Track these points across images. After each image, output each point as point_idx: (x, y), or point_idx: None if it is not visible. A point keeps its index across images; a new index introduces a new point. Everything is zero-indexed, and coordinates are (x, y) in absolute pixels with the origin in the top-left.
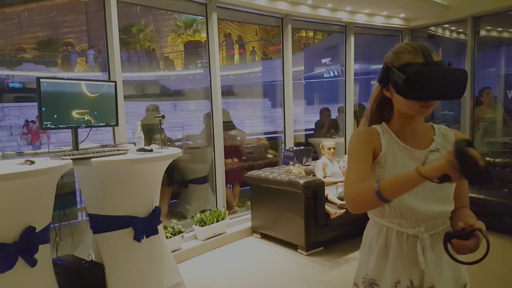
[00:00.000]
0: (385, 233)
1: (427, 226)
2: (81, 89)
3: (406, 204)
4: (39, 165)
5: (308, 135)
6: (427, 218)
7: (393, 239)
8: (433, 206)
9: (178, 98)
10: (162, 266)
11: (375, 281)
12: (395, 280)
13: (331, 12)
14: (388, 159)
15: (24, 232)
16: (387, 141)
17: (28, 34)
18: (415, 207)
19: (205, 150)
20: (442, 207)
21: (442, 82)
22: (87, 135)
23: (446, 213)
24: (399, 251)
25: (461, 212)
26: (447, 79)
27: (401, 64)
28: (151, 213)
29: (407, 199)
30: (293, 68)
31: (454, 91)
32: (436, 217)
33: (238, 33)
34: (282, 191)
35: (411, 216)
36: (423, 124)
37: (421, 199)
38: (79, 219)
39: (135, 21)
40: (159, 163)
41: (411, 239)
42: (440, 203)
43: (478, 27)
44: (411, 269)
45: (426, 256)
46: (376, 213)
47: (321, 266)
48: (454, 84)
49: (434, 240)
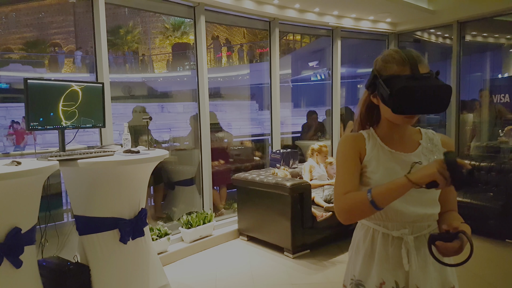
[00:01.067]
0: (371, 235)
1: (412, 228)
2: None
3: (392, 206)
4: (26, 166)
5: (295, 138)
6: (412, 220)
7: (378, 241)
8: (418, 209)
9: (166, 100)
10: (148, 268)
11: (361, 282)
12: (380, 281)
13: (318, 16)
14: (372, 163)
15: (9, 233)
16: (371, 146)
17: (15, 35)
18: (400, 209)
19: (192, 152)
20: (427, 210)
21: (426, 98)
22: (74, 136)
23: (431, 215)
24: (384, 253)
25: (448, 215)
26: (430, 95)
27: (388, 76)
28: (137, 215)
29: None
30: (281, 71)
31: (438, 106)
32: (422, 220)
33: (226, 36)
34: (268, 193)
35: (396, 218)
36: (411, 129)
37: (406, 202)
38: (65, 221)
39: (123, 23)
40: (146, 164)
41: (396, 241)
42: (425, 206)
43: (463, 32)
44: (396, 271)
45: (411, 258)
46: None
47: (307, 269)
48: (438, 100)
49: (420, 243)
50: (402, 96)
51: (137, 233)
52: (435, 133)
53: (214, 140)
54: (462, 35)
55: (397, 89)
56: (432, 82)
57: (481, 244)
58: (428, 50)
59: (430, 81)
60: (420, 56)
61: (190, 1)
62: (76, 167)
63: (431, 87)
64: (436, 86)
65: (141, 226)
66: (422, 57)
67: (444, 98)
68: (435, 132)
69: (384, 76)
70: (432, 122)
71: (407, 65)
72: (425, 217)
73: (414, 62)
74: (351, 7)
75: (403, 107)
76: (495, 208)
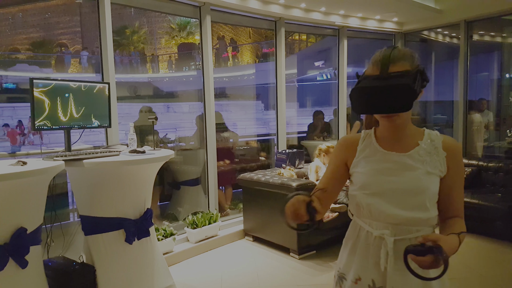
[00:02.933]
0: (357, 232)
1: (395, 230)
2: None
3: (376, 205)
4: (31, 166)
5: (301, 138)
6: (396, 222)
7: (362, 238)
8: (403, 211)
9: (171, 100)
10: (153, 268)
11: (344, 275)
12: (356, 277)
13: (324, 16)
14: (360, 163)
15: (15, 233)
16: (364, 146)
17: (22, 35)
18: (383, 209)
19: (197, 152)
20: (415, 214)
21: (378, 98)
22: (79, 136)
23: (420, 220)
24: (365, 251)
25: (449, 223)
26: (384, 95)
27: (362, 76)
28: (142, 215)
29: (377, 200)
30: (286, 70)
31: (393, 105)
32: (407, 223)
33: (232, 35)
34: (274, 193)
35: (380, 218)
36: (413, 129)
37: (390, 203)
38: (71, 220)
39: (129, 23)
40: (151, 164)
41: (377, 241)
42: (411, 210)
43: (471, 31)
44: (374, 270)
45: (390, 260)
46: (354, 212)
47: (313, 270)
48: (392, 99)
49: (404, 246)
50: (353, 97)
51: (143, 233)
52: (439, 135)
53: (220, 140)
54: (469, 35)
55: (351, 90)
56: (392, 82)
57: (488, 245)
58: (435, 50)
59: (390, 81)
60: (403, 55)
61: (196, 1)
62: (82, 167)
63: (385, 87)
64: (391, 86)
65: (147, 226)
66: (404, 56)
67: (399, 98)
68: (439, 134)
69: (360, 77)
70: (439, 122)
71: (378, 65)
72: (411, 221)
73: (386, 62)
74: (358, 6)
75: (357, 107)
76: (502, 209)
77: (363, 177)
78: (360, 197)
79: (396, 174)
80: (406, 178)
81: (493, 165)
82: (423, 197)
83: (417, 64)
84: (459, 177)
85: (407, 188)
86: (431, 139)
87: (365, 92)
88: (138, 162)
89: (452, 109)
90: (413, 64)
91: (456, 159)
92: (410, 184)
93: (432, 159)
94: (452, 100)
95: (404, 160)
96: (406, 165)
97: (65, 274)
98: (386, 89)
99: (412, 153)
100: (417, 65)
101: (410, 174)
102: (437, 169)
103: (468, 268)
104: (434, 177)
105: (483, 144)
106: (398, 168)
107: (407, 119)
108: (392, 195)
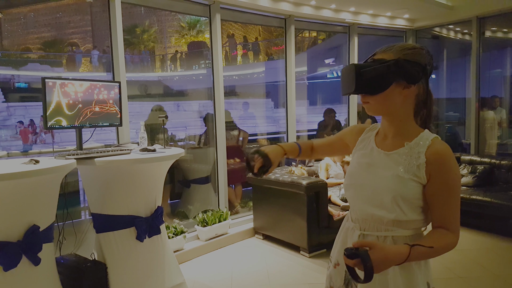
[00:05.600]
0: (345, 222)
1: (364, 224)
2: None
3: (351, 197)
4: (44, 164)
5: (311, 136)
6: (364, 217)
7: (345, 227)
8: (369, 207)
9: (181, 98)
10: (164, 266)
11: (331, 258)
12: (335, 261)
13: (335, 13)
14: (354, 155)
15: (28, 231)
16: (363, 139)
17: (33, 35)
18: (354, 202)
19: (207, 150)
20: (376, 212)
21: (342, 79)
22: (91, 135)
23: (385, 219)
24: (345, 239)
25: (429, 232)
26: (344, 77)
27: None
28: (153, 213)
29: (352, 193)
30: (296, 68)
31: (345, 87)
32: (372, 220)
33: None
34: (284, 192)
35: (354, 210)
36: (410, 129)
37: (360, 198)
38: (83, 218)
39: (139, 22)
40: (162, 163)
41: (350, 232)
42: (374, 207)
43: (483, 28)
44: None
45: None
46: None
47: (323, 269)
48: (345, 81)
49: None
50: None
51: (154, 231)
52: (429, 140)
53: (229, 138)
54: (481, 31)
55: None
56: (357, 66)
57: (501, 243)
58: (447, 47)
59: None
60: (392, 47)
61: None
62: (93, 166)
63: (344, 69)
64: (346, 68)
65: (158, 224)
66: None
67: (349, 79)
68: (431, 139)
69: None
70: (452, 120)
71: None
72: (376, 218)
73: (377, 51)
74: (368, 3)
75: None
76: None
77: (349, 168)
78: (344, 186)
79: (371, 170)
80: (376, 177)
81: (506, 163)
82: (387, 198)
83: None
84: (443, 186)
85: (374, 186)
86: (419, 142)
87: (341, 73)
88: (148, 160)
89: (464, 106)
90: (398, 56)
91: (440, 168)
92: (378, 182)
93: (410, 163)
94: (464, 98)
95: (384, 158)
96: (383, 164)
97: (77, 271)
98: (346, 71)
99: (393, 153)
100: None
101: (382, 173)
102: (411, 174)
103: (480, 267)
104: (407, 181)
105: (497, 142)
106: (375, 166)
107: (397, 116)
108: (361, 190)
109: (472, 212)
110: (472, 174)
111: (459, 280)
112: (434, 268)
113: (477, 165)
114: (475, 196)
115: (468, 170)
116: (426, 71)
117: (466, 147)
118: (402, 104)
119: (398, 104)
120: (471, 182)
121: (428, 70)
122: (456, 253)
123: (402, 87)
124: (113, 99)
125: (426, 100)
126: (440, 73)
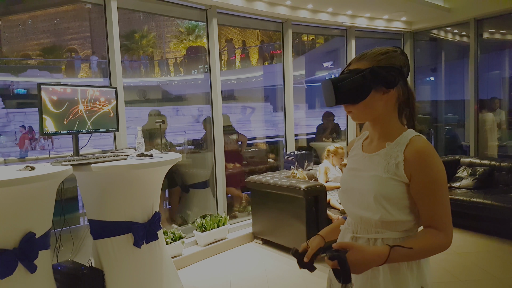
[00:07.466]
0: (343, 226)
1: (355, 227)
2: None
3: (343, 202)
4: (39, 171)
5: (310, 139)
6: (354, 220)
7: (341, 231)
8: (358, 210)
9: (180, 103)
10: (162, 272)
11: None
12: None
13: (332, 16)
14: (347, 163)
15: (24, 238)
16: (355, 146)
17: (32, 41)
18: (346, 206)
19: (205, 155)
20: (364, 213)
21: (324, 93)
22: (87, 140)
23: (372, 220)
24: (341, 240)
25: (417, 233)
26: (323, 91)
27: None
28: (150, 218)
29: (344, 197)
30: (294, 72)
31: (327, 100)
32: (361, 222)
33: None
34: (283, 196)
35: (348, 215)
36: (393, 130)
37: (350, 201)
38: (81, 224)
39: (138, 27)
40: (159, 168)
41: (347, 235)
42: (361, 209)
43: (481, 29)
44: None
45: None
46: None
47: (323, 273)
48: (326, 94)
49: (362, 243)
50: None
51: (151, 237)
52: (408, 138)
53: (228, 142)
54: (479, 33)
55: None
56: (333, 80)
57: (501, 246)
58: (444, 49)
59: (333, 80)
60: (366, 55)
61: (203, 4)
62: (90, 172)
63: (323, 84)
64: (324, 83)
65: (155, 230)
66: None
67: (328, 93)
68: (411, 137)
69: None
70: (451, 122)
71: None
72: (365, 220)
73: (352, 61)
74: (365, 6)
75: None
76: None
77: (341, 175)
78: (338, 193)
79: (357, 174)
80: (361, 179)
81: (505, 165)
82: (370, 198)
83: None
84: (426, 184)
85: (360, 189)
86: (399, 142)
87: (322, 88)
88: (145, 165)
89: (463, 108)
90: (372, 63)
91: (420, 165)
92: (362, 185)
93: (389, 162)
94: (463, 100)
95: (367, 161)
96: (367, 166)
97: (74, 278)
98: (324, 84)
99: (374, 155)
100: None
101: (365, 174)
102: (391, 173)
103: (481, 270)
104: (387, 180)
105: (497, 144)
106: (361, 169)
107: (381, 120)
108: (351, 194)
109: (472, 215)
110: (472, 176)
111: (460, 284)
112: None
113: (477, 167)
114: (475, 199)
115: (468, 172)
116: (402, 73)
117: (465, 149)
118: (384, 108)
119: (380, 109)
120: (471, 184)
121: (405, 71)
122: (456, 256)
123: (382, 93)
124: (110, 104)
125: (408, 100)
126: (439, 76)
